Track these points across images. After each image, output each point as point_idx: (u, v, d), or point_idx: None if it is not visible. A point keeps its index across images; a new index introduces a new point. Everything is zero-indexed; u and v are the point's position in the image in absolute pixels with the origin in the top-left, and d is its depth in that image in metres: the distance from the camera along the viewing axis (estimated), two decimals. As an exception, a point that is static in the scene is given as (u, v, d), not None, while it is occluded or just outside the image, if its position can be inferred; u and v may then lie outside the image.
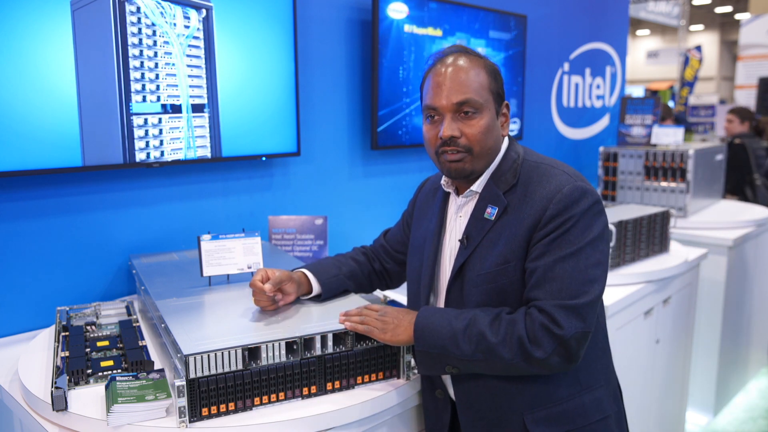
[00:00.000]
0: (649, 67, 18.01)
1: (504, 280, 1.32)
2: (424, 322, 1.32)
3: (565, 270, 1.24)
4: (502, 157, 1.40)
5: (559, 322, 1.21)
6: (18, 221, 1.81)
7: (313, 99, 2.48)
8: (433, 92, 1.35)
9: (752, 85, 9.29)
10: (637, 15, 10.96)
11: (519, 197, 1.33)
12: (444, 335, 1.29)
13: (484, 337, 1.25)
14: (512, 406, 1.33)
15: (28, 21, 1.67)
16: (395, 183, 2.87)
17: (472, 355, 1.26)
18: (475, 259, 1.35)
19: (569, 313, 1.22)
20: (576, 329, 1.22)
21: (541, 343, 1.22)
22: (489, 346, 1.25)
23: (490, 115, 1.35)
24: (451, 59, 1.36)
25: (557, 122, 3.99)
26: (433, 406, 1.48)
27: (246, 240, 1.73)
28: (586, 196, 1.29)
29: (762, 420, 3.44)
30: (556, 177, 1.32)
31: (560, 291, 1.23)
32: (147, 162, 1.95)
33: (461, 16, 2.92)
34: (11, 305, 1.82)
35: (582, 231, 1.26)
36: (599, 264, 1.27)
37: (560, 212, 1.27)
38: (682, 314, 2.77)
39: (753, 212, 3.63)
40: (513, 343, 1.23)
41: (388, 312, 1.38)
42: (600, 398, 1.37)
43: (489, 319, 1.27)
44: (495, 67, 1.39)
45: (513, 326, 1.24)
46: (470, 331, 1.27)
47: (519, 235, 1.30)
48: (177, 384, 1.20)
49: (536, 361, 1.23)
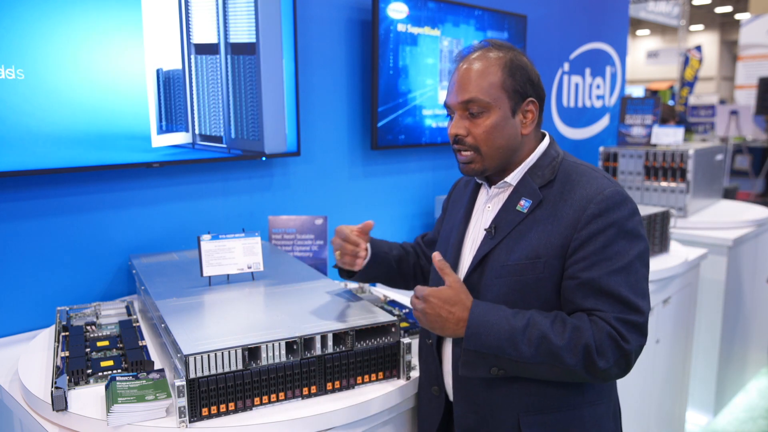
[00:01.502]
0: (649, 67, 18.00)
1: (530, 275, 1.29)
2: (480, 320, 1.24)
3: (619, 284, 1.23)
4: (543, 153, 1.38)
5: (625, 336, 1.21)
6: (18, 221, 1.81)
7: (313, 99, 2.48)
8: (449, 89, 1.37)
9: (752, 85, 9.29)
10: (637, 15, 10.96)
11: (556, 194, 1.32)
12: (501, 335, 1.22)
13: (548, 339, 1.20)
14: (511, 405, 1.31)
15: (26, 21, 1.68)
16: (395, 183, 2.87)
17: (531, 357, 1.20)
18: (501, 250, 1.33)
19: (632, 328, 1.22)
20: (639, 343, 1.23)
21: (606, 353, 1.20)
22: (552, 349, 1.20)
23: (499, 114, 1.32)
24: (470, 56, 1.35)
25: (557, 122, 3.99)
26: (427, 402, 1.46)
27: (246, 240, 1.73)
28: (627, 203, 1.28)
29: (762, 420, 3.44)
30: (597, 179, 1.31)
31: (620, 305, 1.23)
32: (147, 162, 1.95)
33: (461, 16, 2.92)
34: (11, 305, 1.82)
35: (629, 243, 1.25)
36: (646, 278, 1.28)
37: (601, 213, 1.25)
38: (682, 314, 2.77)
39: (753, 212, 3.63)
40: (578, 349, 1.19)
41: (439, 305, 1.26)
42: (600, 415, 1.35)
43: (549, 321, 1.23)
44: (518, 63, 1.33)
45: (579, 333, 1.20)
46: (531, 332, 1.21)
47: (556, 232, 1.28)
48: (177, 384, 1.20)
49: (598, 372, 1.21)
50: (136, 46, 1.88)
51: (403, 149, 2.84)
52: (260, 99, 2.19)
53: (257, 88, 2.18)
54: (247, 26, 2.14)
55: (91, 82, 1.80)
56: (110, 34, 1.83)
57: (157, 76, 1.95)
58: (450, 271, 1.30)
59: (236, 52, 2.12)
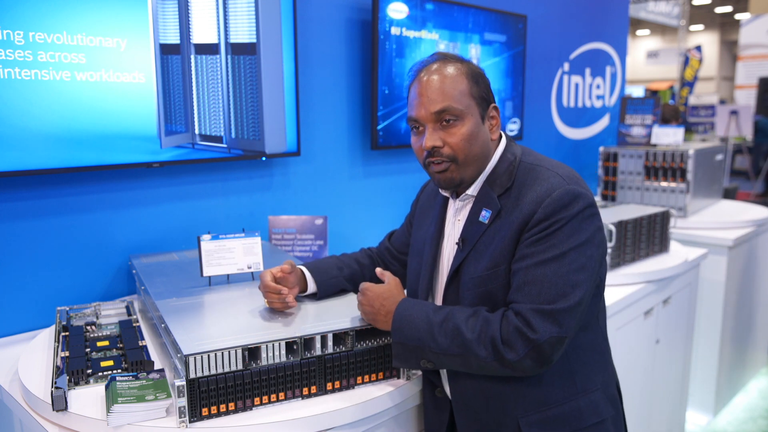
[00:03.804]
0: (649, 67, 18.01)
1: (494, 284, 1.31)
2: (403, 314, 1.32)
3: (545, 274, 1.23)
4: (498, 159, 1.38)
5: (533, 326, 1.20)
6: (18, 221, 1.81)
7: (313, 99, 2.48)
8: (414, 103, 1.35)
9: (752, 85, 9.31)
10: (637, 15, 10.96)
11: (512, 200, 1.32)
12: (421, 328, 1.29)
13: (460, 331, 1.25)
14: (506, 408, 1.32)
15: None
16: (395, 183, 2.87)
17: (448, 348, 1.26)
18: (470, 263, 1.35)
19: (545, 317, 1.21)
20: (550, 334, 1.20)
21: (514, 345, 1.21)
22: (464, 341, 1.24)
23: (473, 121, 1.33)
24: (430, 68, 1.35)
25: (557, 122, 3.99)
26: (433, 404, 1.48)
27: (246, 240, 1.73)
28: (578, 201, 1.26)
29: (762, 420, 3.44)
30: (548, 180, 1.29)
31: (538, 295, 1.22)
32: (147, 162, 1.95)
33: (461, 16, 2.92)
34: (11, 305, 1.82)
35: (568, 235, 1.24)
36: (583, 269, 1.24)
37: (548, 216, 1.25)
38: (682, 314, 2.77)
39: (753, 212, 3.63)
40: (486, 342, 1.23)
41: (373, 297, 1.38)
42: (596, 401, 1.36)
43: (465, 315, 1.27)
44: (477, 71, 1.36)
45: (488, 325, 1.24)
46: (447, 325, 1.27)
47: (508, 237, 1.29)
48: (177, 384, 1.20)
49: (508, 363, 1.22)
50: (143, 46, 1.88)
51: (403, 149, 2.85)
52: (261, 99, 2.19)
53: (257, 88, 2.18)
54: (248, 26, 2.14)
55: (94, 81, 1.80)
56: (112, 34, 1.83)
57: (162, 77, 1.94)
58: (388, 274, 1.45)
59: (236, 52, 2.12)
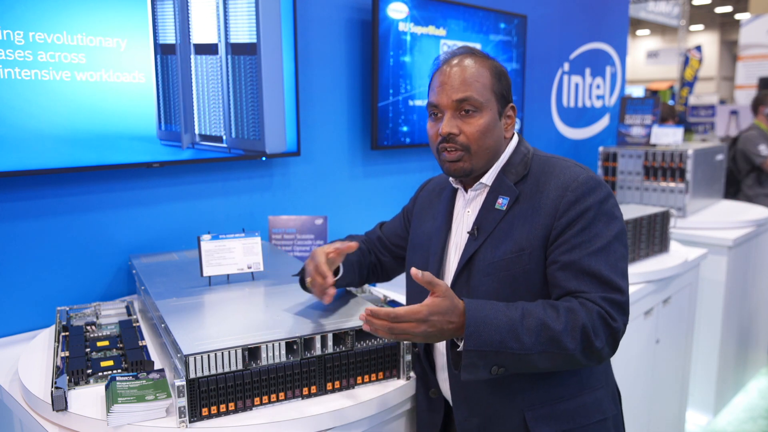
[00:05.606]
0: (649, 67, 18.01)
1: (517, 268, 1.31)
2: (477, 318, 1.16)
3: (600, 265, 1.25)
4: (513, 151, 1.42)
5: (612, 315, 1.23)
6: (18, 221, 1.81)
7: (313, 99, 2.48)
8: (437, 89, 1.37)
9: (752, 85, 9.30)
10: (637, 15, 10.95)
11: (531, 188, 1.35)
12: (502, 328, 1.16)
13: (546, 326, 1.17)
14: (513, 402, 1.32)
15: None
16: (395, 183, 2.87)
17: (533, 347, 1.16)
18: (486, 249, 1.35)
19: (616, 306, 1.24)
20: (624, 322, 1.25)
21: (599, 333, 1.21)
22: (553, 335, 1.17)
23: (490, 116, 1.35)
24: (456, 59, 1.37)
25: (557, 122, 3.99)
26: (426, 405, 1.47)
27: (246, 240, 1.73)
28: (602, 187, 1.32)
29: (762, 420, 3.44)
30: (570, 168, 1.34)
31: (603, 285, 1.25)
32: (147, 162, 1.95)
33: (461, 15, 2.92)
34: (11, 305, 1.82)
35: (607, 224, 1.28)
36: (624, 258, 1.30)
37: (578, 199, 1.28)
38: (682, 314, 2.77)
39: (753, 212, 3.63)
40: (577, 332, 1.18)
41: (441, 320, 1.16)
42: (601, 399, 1.38)
43: (541, 308, 1.21)
44: (501, 69, 1.40)
45: (574, 315, 1.19)
46: (528, 321, 1.18)
47: (536, 222, 1.31)
48: (177, 384, 1.20)
49: (595, 352, 1.21)
50: (143, 46, 1.88)
51: (403, 149, 2.85)
52: (261, 99, 2.19)
53: (258, 88, 2.18)
54: (248, 26, 2.14)
55: (94, 82, 1.80)
56: (112, 35, 1.83)
57: (162, 77, 1.94)
58: (438, 280, 1.19)
59: (236, 52, 2.12)
